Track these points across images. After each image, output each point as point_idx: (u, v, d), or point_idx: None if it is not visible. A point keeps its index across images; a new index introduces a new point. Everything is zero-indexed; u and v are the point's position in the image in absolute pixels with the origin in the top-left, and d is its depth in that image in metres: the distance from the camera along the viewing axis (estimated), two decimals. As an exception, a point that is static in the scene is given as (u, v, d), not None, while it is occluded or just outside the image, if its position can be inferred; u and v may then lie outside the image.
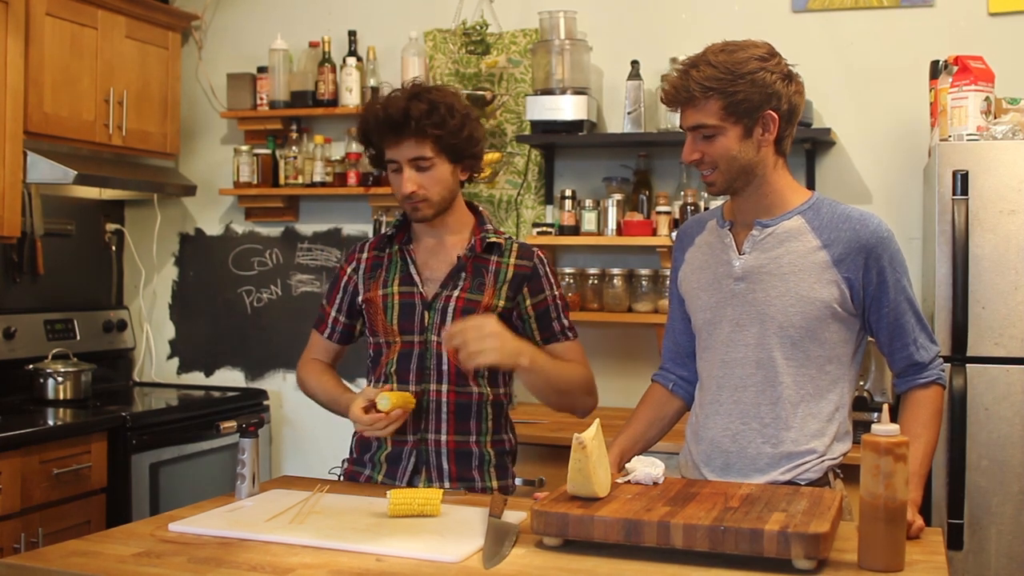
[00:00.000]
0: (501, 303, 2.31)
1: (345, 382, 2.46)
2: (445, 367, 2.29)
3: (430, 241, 2.37)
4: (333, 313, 2.46)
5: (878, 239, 1.99)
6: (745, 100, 1.93)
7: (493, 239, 2.35)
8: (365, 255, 2.43)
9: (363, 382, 2.51)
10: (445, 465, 2.29)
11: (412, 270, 2.34)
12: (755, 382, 2.03)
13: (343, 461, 2.44)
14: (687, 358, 2.23)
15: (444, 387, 2.29)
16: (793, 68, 2.03)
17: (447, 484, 2.28)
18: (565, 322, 2.38)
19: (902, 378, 2.06)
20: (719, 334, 2.07)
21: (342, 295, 2.44)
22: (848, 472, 2.90)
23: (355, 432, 2.41)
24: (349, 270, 2.44)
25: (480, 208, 2.44)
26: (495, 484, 2.34)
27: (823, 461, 2.03)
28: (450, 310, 2.29)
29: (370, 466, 2.34)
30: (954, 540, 2.72)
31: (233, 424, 2.19)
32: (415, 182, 2.24)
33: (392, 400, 2.14)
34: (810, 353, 2.00)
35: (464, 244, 2.35)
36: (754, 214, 2.05)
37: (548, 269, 2.38)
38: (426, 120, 2.20)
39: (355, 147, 3.87)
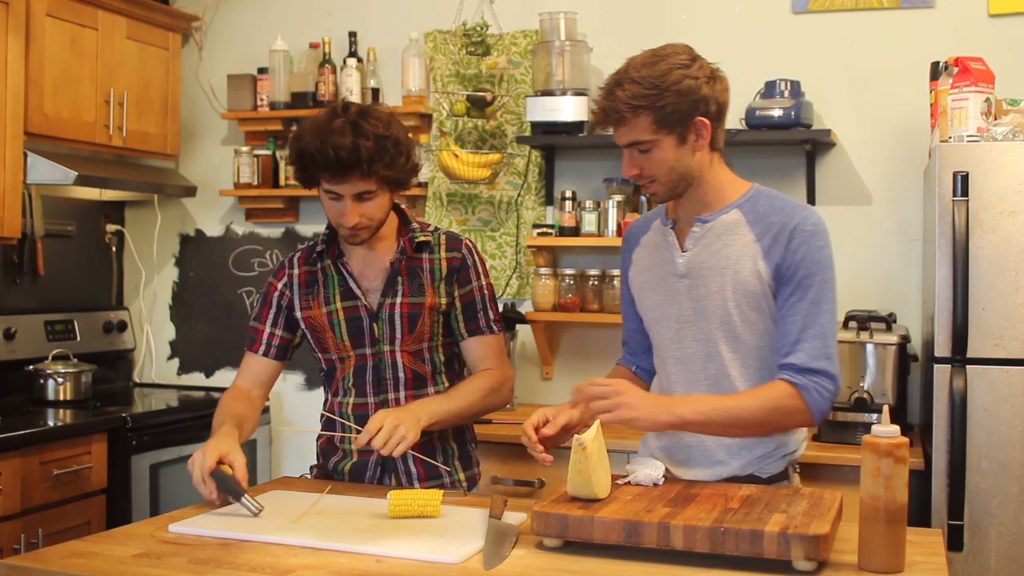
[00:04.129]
0: (443, 300, 2.33)
1: (234, 419, 2.26)
2: (401, 374, 2.32)
3: (361, 251, 2.34)
4: (268, 329, 2.38)
5: (800, 230, 1.98)
6: (675, 111, 1.94)
7: (422, 238, 2.34)
8: (296, 270, 2.38)
9: (313, 393, 2.50)
10: (413, 468, 2.32)
11: (352, 284, 2.32)
12: (707, 376, 2.05)
13: (311, 467, 2.46)
14: (644, 352, 2.26)
15: (402, 394, 2.32)
16: (715, 66, 2.03)
17: (416, 485, 2.31)
18: (491, 314, 2.39)
19: (780, 371, 2.01)
20: (668, 331, 2.10)
21: (275, 310, 2.38)
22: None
23: (319, 438, 2.43)
24: (280, 285, 2.38)
25: (402, 206, 2.41)
26: (462, 476, 2.38)
27: (782, 455, 2.06)
28: (396, 317, 2.30)
29: (336, 476, 2.36)
30: (954, 541, 2.72)
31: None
32: (359, 213, 2.20)
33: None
34: (751, 344, 2.03)
35: (393, 247, 2.34)
36: (694, 211, 2.07)
37: (477, 258, 2.39)
38: (377, 161, 2.14)
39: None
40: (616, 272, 3.57)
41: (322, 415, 2.37)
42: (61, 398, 3.61)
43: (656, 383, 2.21)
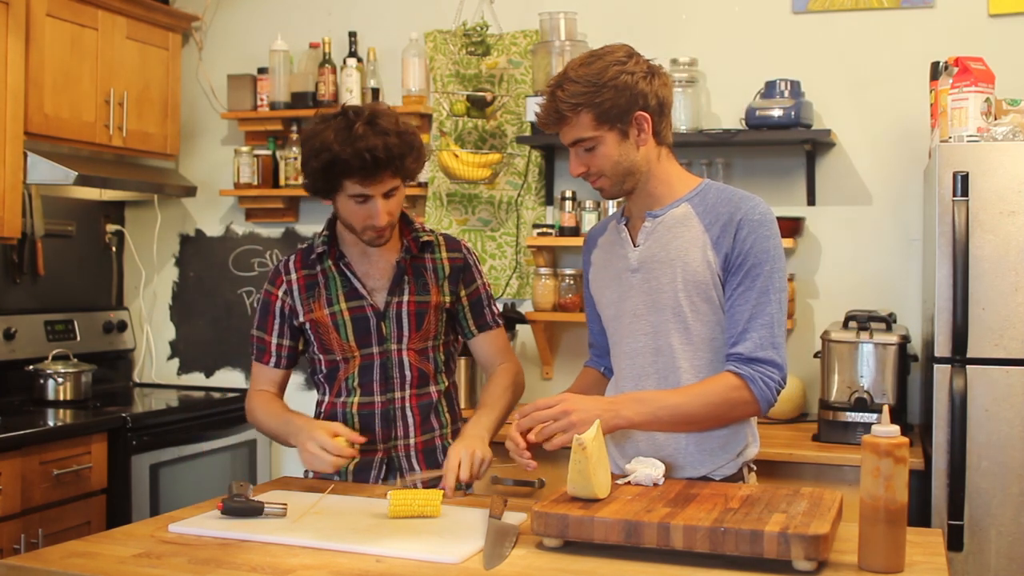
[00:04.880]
0: (447, 298, 2.38)
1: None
2: (408, 373, 2.33)
3: (366, 251, 2.35)
4: (275, 340, 2.39)
5: (747, 220, 2.00)
6: (613, 106, 1.98)
7: (425, 238, 2.38)
8: (295, 275, 2.37)
9: (313, 394, 2.48)
10: (416, 466, 2.33)
11: (356, 284, 2.33)
12: (655, 370, 2.07)
13: (306, 472, 2.43)
14: (608, 355, 2.27)
15: (407, 392, 2.34)
16: (653, 62, 2.07)
17: (419, 485, 2.29)
18: (494, 309, 2.47)
19: (727, 361, 2.03)
20: (622, 327, 2.12)
21: (279, 320, 2.38)
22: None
23: None
24: (280, 293, 2.37)
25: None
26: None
27: (736, 453, 2.07)
28: (404, 315, 2.32)
29: (337, 477, 2.34)
30: (954, 541, 2.72)
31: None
32: (387, 212, 2.23)
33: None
34: (703, 335, 2.04)
35: (397, 247, 2.36)
36: (645, 206, 2.10)
37: (475, 258, 2.46)
38: (407, 155, 2.19)
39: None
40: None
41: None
42: (61, 398, 3.61)
43: (611, 383, 2.22)
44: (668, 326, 2.05)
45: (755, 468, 2.16)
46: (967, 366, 2.76)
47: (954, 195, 2.75)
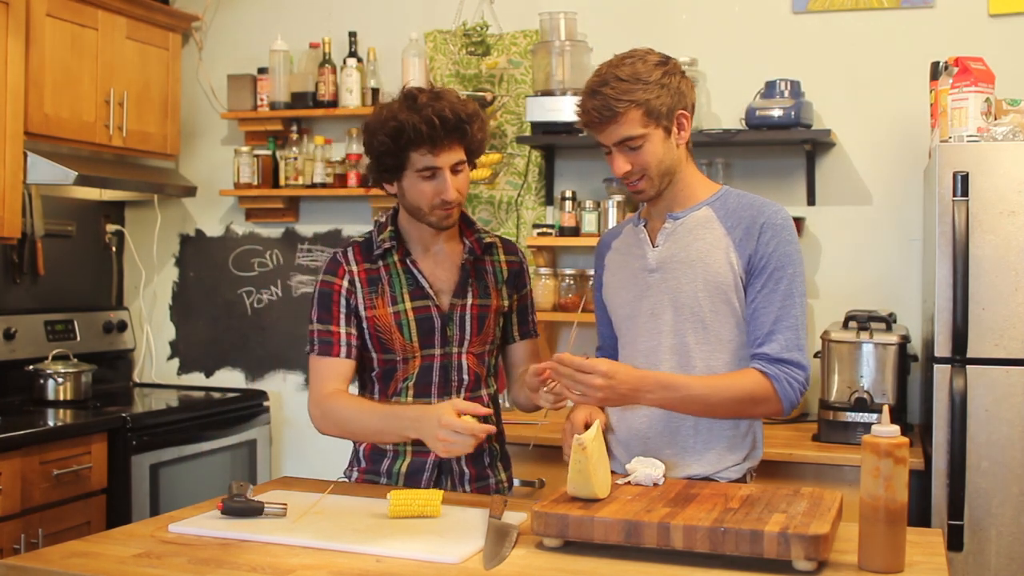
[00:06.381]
0: (505, 302, 2.37)
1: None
2: (466, 376, 2.30)
3: (431, 250, 2.31)
4: (343, 329, 2.26)
5: (770, 224, 2.04)
6: (662, 104, 2.02)
7: (488, 239, 2.36)
8: (356, 268, 2.29)
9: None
10: (465, 469, 2.31)
11: (424, 282, 2.27)
12: (670, 368, 2.08)
13: (347, 471, 2.39)
14: (615, 358, 2.26)
15: (461, 395, 2.29)
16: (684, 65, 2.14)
17: (467, 487, 2.30)
18: (535, 317, 2.47)
19: (753, 360, 2.06)
20: (638, 326, 2.14)
21: (346, 310, 2.27)
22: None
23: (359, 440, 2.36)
24: (344, 283, 2.27)
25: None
26: (503, 476, 2.40)
27: (743, 456, 2.10)
28: (467, 319, 2.29)
29: (386, 477, 2.31)
30: (954, 541, 2.72)
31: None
32: (457, 187, 2.19)
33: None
34: (721, 336, 2.06)
35: (460, 248, 2.33)
36: (668, 208, 2.13)
37: (527, 263, 2.46)
38: (475, 121, 2.18)
39: (356, 148, 3.87)
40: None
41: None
42: (61, 398, 3.61)
43: None
44: (685, 325, 2.07)
45: (754, 475, 2.18)
46: (967, 366, 2.76)
47: (954, 195, 2.75)
